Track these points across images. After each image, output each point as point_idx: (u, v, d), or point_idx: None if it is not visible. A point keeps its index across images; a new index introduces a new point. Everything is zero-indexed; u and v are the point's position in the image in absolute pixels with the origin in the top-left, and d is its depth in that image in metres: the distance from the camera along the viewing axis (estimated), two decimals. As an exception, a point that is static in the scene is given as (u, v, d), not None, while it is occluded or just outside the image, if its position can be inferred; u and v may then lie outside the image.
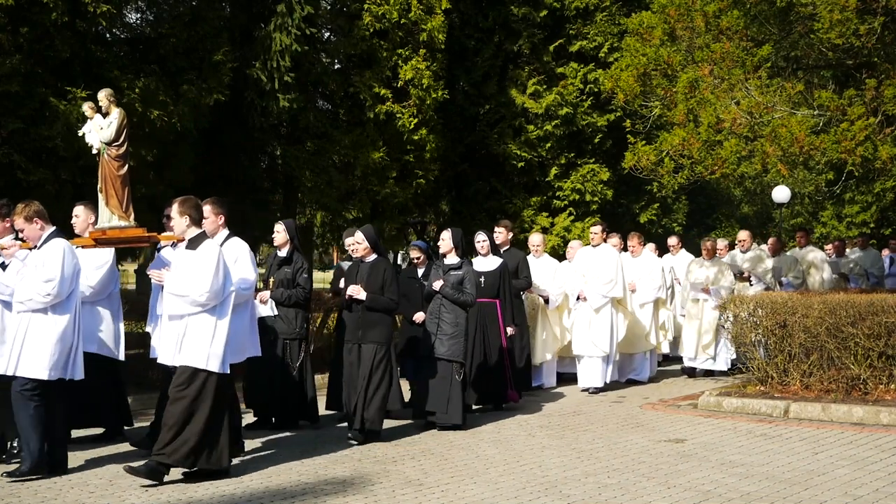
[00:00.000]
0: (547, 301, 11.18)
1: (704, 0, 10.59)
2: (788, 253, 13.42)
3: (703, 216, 28.73)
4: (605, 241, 11.30)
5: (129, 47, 13.42)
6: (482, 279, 9.43)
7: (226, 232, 7.47)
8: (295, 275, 8.46)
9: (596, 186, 18.93)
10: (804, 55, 11.27)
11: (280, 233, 8.54)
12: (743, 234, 13.25)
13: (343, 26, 16.47)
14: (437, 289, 8.41)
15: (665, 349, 13.20)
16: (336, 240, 24.15)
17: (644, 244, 12.78)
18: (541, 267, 11.23)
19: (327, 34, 17.40)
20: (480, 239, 9.88)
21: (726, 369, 11.79)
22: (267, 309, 8.36)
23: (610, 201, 19.42)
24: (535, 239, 11.67)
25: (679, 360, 12.88)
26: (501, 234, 10.51)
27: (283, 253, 8.56)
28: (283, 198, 17.52)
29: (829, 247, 16.37)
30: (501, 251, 10.29)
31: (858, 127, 9.59)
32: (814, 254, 13.76)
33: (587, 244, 11.75)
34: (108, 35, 12.92)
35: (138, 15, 14.42)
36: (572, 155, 19.15)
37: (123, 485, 6.33)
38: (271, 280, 8.45)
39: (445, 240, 8.67)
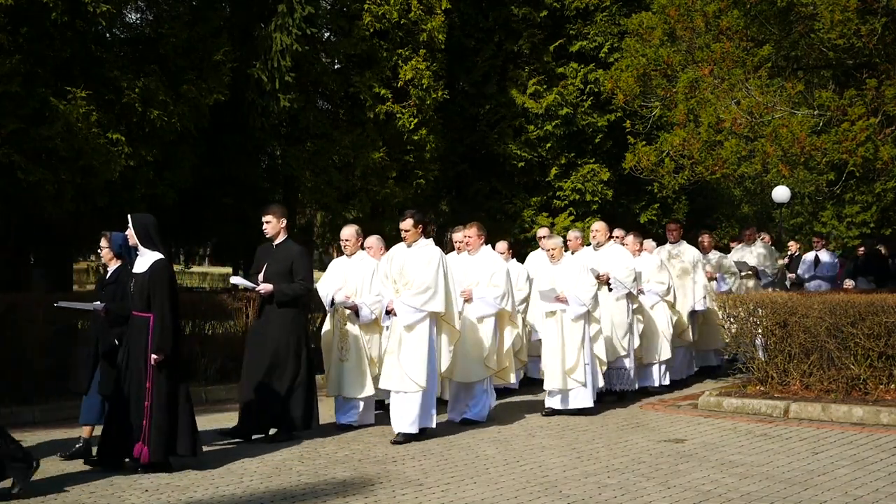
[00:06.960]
0: (357, 313, 8.72)
1: (704, 0, 10.59)
2: (654, 252, 11.41)
3: (703, 216, 28.70)
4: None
5: (129, 47, 13.44)
6: (132, 283, 6.96)
7: None
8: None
9: (596, 186, 18.93)
10: (804, 55, 11.26)
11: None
12: (597, 226, 10.61)
13: (343, 26, 16.47)
14: None
15: (513, 379, 9.73)
16: (336, 240, 24.19)
17: (483, 238, 9.51)
18: (357, 269, 8.90)
19: (327, 34, 17.40)
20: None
21: (592, 405, 9.19)
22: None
23: (610, 201, 19.41)
24: (345, 232, 9.01)
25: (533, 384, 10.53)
26: (270, 225, 8.23)
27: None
28: (282, 198, 17.51)
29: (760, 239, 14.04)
30: (274, 244, 8.24)
31: (859, 127, 9.58)
32: (689, 253, 11.89)
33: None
34: (108, 35, 12.94)
35: (138, 15, 14.44)
36: (572, 155, 19.16)
37: (123, 485, 6.34)
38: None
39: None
